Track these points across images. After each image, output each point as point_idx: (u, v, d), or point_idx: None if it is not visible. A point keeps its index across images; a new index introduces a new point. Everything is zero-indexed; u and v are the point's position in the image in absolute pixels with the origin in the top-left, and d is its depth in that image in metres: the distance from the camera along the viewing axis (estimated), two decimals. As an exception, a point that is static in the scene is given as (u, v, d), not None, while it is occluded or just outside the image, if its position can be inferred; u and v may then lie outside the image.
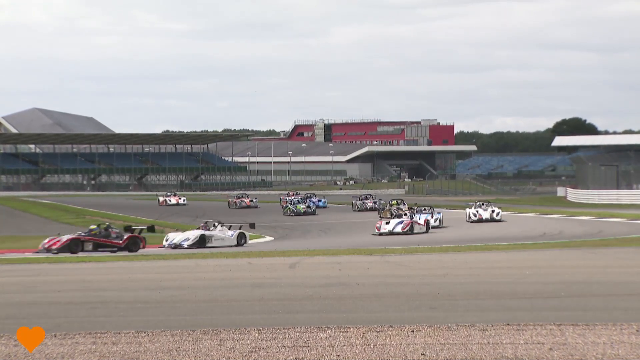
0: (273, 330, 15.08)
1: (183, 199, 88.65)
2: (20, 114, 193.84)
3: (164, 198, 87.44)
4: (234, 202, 79.52)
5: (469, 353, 13.34)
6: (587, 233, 43.81)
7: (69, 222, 59.31)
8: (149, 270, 28.19)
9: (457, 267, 26.87)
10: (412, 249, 34.60)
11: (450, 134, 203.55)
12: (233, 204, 79.18)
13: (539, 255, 30.91)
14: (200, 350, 13.76)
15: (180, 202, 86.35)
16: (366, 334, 14.64)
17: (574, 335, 14.47)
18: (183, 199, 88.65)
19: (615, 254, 31.25)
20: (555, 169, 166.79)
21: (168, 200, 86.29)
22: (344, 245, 38.04)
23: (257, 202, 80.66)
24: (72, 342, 14.43)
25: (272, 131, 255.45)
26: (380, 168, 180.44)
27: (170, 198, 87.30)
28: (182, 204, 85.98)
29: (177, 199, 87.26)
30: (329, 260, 29.58)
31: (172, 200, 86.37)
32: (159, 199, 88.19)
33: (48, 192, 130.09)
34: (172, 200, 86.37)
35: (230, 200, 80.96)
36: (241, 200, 79.48)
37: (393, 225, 45.41)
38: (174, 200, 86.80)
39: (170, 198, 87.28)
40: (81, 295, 21.27)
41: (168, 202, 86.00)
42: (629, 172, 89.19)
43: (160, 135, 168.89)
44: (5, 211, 75.89)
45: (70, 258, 33.55)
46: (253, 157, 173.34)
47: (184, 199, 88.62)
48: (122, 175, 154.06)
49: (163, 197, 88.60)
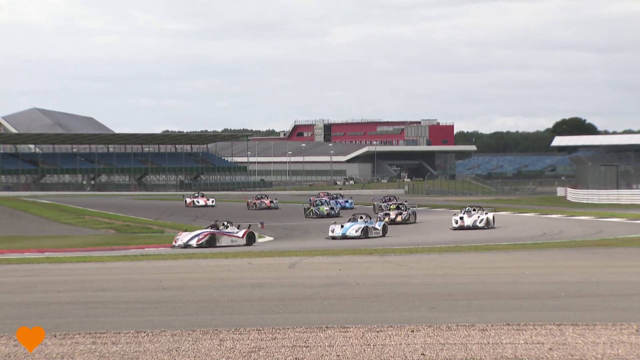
0: (273, 330, 15.08)
1: (211, 200, 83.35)
2: (20, 114, 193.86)
3: (192, 199, 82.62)
4: (254, 203, 76.25)
5: (469, 353, 13.34)
6: (587, 233, 43.80)
7: (69, 222, 59.31)
8: (148, 270, 28.18)
9: (457, 267, 26.87)
10: (412, 249, 34.59)
11: (450, 134, 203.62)
12: (252, 205, 75.95)
13: (539, 255, 30.90)
14: (200, 350, 13.76)
15: (208, 204, 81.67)
16: (366, 334, 14.64)
17: (573, 335, 14.47)
18: (211, 200, 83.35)
19: (615, 254, 31.24)
20: (555, 169, 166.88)
21: (196, 202, 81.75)
22: (344, 246, 38.04)
23: (277, 203, 77.26)
24: (72, 342, 14.43)
25: (272, 131, 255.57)
26: (380, 168, 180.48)
27: (198, 199, 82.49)
28: (211, 205, 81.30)
29: (205, 200, 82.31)
30: (328, 260, 29.59)
31: (200, 202, 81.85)
32: (185, 200, 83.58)
33: (48, 192, 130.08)
34: (200, 202, 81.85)
35: (249, 201, 77.64)
36: (261, 202, 76.19)
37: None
38: (202, 201, 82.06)
39: (199, 199, 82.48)
40: (81, 295, 21.27)
41: (196, 203, 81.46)
42: (629, 172, 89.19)
43: (159, 135, 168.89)
44: (5, 211, 75.87)
45: (70, 258, 33.55)
46: (253, 157, 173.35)
47: (213, 200, 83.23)
48: (121, 175, 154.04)
49: (190, 197, 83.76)
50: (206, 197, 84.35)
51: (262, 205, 75.20)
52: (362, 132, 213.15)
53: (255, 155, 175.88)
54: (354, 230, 43.64)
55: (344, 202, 72.72)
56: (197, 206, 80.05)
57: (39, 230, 52.27)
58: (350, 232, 43.56)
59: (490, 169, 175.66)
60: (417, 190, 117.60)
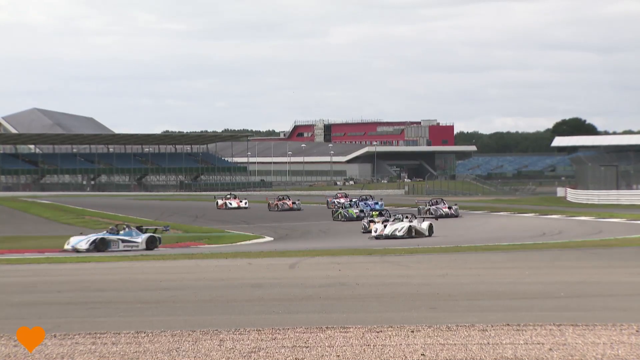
0: (273, 330, 15.08)
1: (245, 201, 78.55)
2: (20, 114, 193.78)
3: (224, 201, 78.15)
4: (275, 204, 73.11)
5: (469, 353, 13.33)
6: (587, 233, 43.80)
7: (69, 223, 59.31)
8: (148, 270, 28.20)
9: (456, 267, 26.88)
10: (412, 249, 34.60)
11: (450, 134, 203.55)
12: (274, 206, 72.92)
13: (539, 256, 30.91)
14: (200, 350, 13.76)
15: (241, 206, 77.10)
16: (366, 334, 14.64)
17: (573, 335, 14.47)
18: (245, 201, 78.55)
19: (615, 254, 31.25)
20: (555, 169, 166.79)
21: (228, 204, 77.24)
22: (344, 246, 38.04)
23: (300, 204, 74.16)
24: (72, 342, 14.43)
25: (272, 131, 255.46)
26: (380, 168, 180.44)
27: (230, 201, 77.99)
28: (244, 207, 76.84)
29: (238, 202, 77.73)
30: (328, 260, 29.59)
31: (232, 204, 77.26)
32: (217, 202, 79.05)
33: (48, 192, 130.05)
34: (232, 204, 77.26)
35: (270, 203, 74.34)
36: (283, 203, 73.10)
37: None
38: (235, 203, 77.46)
39: (231, 201, 77.98)
40: (81, 295, 21.28)
41: (228, 205, 76.98)
42: (629, 172, 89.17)
43: (159, 136, 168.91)
44: (5, 211, 75.89)
45: (71, 258, 33.56)
46: (253, 157, 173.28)
47: (246, 202, 78.58)
48: (121, 175, 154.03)
49: (222, 199, 79.03)
50: (239, 198, 80.00)
51: (284, 207, 72.44)
52: (362, 133, 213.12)
53: (255, 156, 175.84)
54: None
55: (374, 203, 69.28)
56: (229, 208, 76.25)
57: (39, 231, 52.27)
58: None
59: (490, 170, 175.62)
60: (417, 191, 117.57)
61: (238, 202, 77.60)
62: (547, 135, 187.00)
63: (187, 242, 42.96)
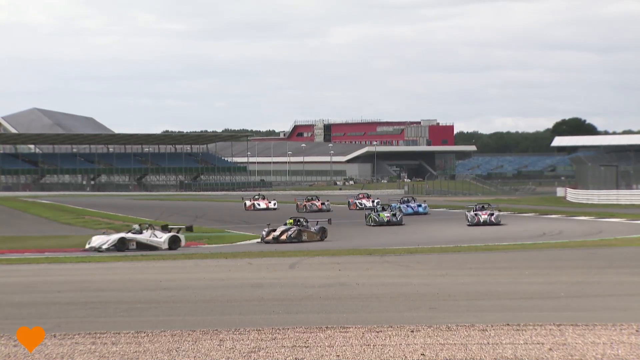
0: (273, 330, 15.08)
1: (273, 202, 75.44)
2: (20, 114, 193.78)
3: (252, 202, 74.81)
4: (304, 205, 70.15)
5: (469, 353, 13.34)
6: (587, 233, 43.78)
7: (69, 222, 59.30)
8: (148, 270, 28.20)
9: (456, 267, 26.88)
10: (412, 249, 34.59)
11: (449, 134, 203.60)
12: (302, 207, 69.80)
13: (539, 255, 30.91)
14: (200, 350, 13.76)
15: (270, 207, 73.75)
16: (366, 334, 14.64)
17: (573, 335, 14.47)
18: (273, 202, 75.44)
19: (615, 254, 31.25)
20: (555, 169, 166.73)
21: (256, 205, 74.05)
22: (344, 246, 38.02)
23: (329, 205, 70.86)
24: (72, 342, 14.43)
25: (272, 131, 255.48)
26: (379, 168, 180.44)
27: (259, 202, 74.86)
28: (273, 208, 73.49)
29: (266, 203, 74.41)
30: (328, 260, 29.60)
31: (261, 205, 74.09)
32: (245, 203, 75.17)
33: (48, 192, 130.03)
34: (261, 205, 74.09)
35: (298, 204, 71.45)
36: (312, 204, 70.07)
37: None
38: (263, 204, 74.27)
39: (259, 202, 74.84)
40: (81, 295, 21.28)
41: (256, 206, 73.87)
42: (629, 172, 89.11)
43: (159, 136, 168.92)
44: (5, 211, 75.88)
45: (70, 258, 33.56)
46: (252, 157, 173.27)
47: (275, 203, 75.31)
48: (121, 175, 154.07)
49: (250, 200, 75.51)
50: (268, 199, 76.70)
51: (313, 208, 69.34)
52: (362, 133, 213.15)
53: (255, 156, 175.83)
54: None
55: (416, 206, 62.93)
56: (257, 209, 73.13)
57: (39, 231, 52.25)
58: None
59: (490, 169, 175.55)
60: (417, 191, 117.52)
61: (266, 203, 74.66)
62: (547, 135, 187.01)
63: (187, 242, 42.92)
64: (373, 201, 70.88)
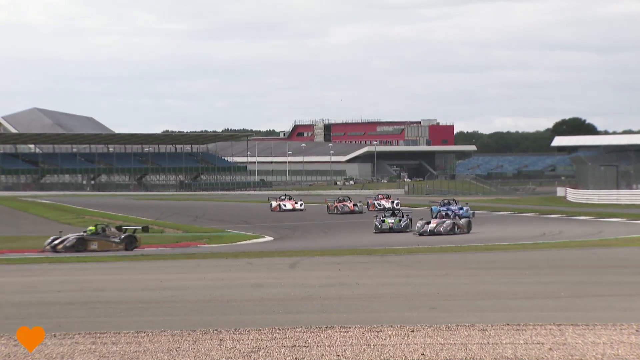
0: (273, 330, 15.08)
1: (300, 202, 72.53)
2: (20, 114, 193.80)
3: (277, 202, 72.17)
4: (335, 206, 67.01)
5: (469, 353, 13.33)
6: (587, 233, 43.77)
7: (69, 222, 59.30)
8: (148, 270, 28.20)
9: (457, 267, 26.88)
10: (412, 249, 34.59)
11: (450, 134, 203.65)
12: (333, 208, 66.88)
13: (539, 255, 30.90)
14: (200, 350, 13.76)
15: (297, 207, 71.18)
16: (366, 334, 14.64)
17: (573, 335, 14.47)
18: (300, 202, 72.53)
19: (615, 254, 31.25)
20: (555, 169, 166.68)
21: (282, 205, 71.46)
22: (344, 246, 38.03)
23: (362, 206, 67.60)
24: (72, 342, 14.43)
25: (272, 131, 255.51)
26: (380, 168, 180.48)
27: (285, 202, 72.19)
28: (299, 209, 70.93)
29: (293, 204, 71.79)
30: (328, 260, 29.60)
31: (287, 205, 71.45)
32: (271, 204, 72.67)
33: (48, 192, 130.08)
34: (287, 205, 71.45)
35: (329, 205, 68.41)
36: (343, 205, 66.77)
37: None
38: (290, 205, 71.56)
39: (285, 202, 72.15)
40: (81, 295, 21.28)
41: (282, 207, 71.24)
42: (629, 172, 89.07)
43: (159, 135, 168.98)
44: (5, 211, 75.88)
45: (70, 258, 33.56)
46: (253, 157, 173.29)
47: (301, 203, 72.47)
48: (121, 175, 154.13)
49: (276, 201, 72.96)
50: (294, 200, 73.96)
51: (345, 209, 65.90)
52: (362, 132, 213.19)
53: (255, 155, 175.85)
54: None
55: (457, 209, 56.93)
56: (283, 210, 70.68)
57: (39, 231, 52.22)
58: None
59: (490, 169, 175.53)
60: (417, 191, 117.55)
61: (293, 204, 71.95)
62: (547, 135, 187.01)
63: (188, 242, 42.96)
64: (392, 202, 68.68)
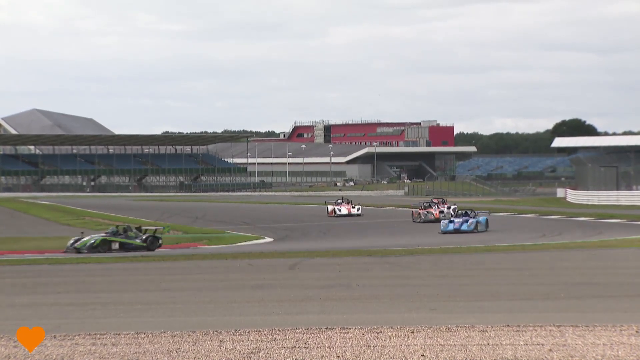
0: (273, 331, 15.08)
1: (357, 207, 67.50)
2: (20, 115, 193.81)
3: (333, 207, 67.69)
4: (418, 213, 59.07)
5: (469, 354, 13.33)
6: (586, 234, 43.78)
7: (69, 224, 59.29)
8: (148, 271, 28.19)
9: (456, 267, 26.88)
10: (412, 250, 34.59)
11: (449, 135, 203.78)
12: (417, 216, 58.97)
13: (539, 256, 30.90)
14: (200, 351, 13.75)
15: (353, 212, 66.40)
16: (366, 335, 14.63)
17: (573, 336, 14.46)
18: (357, 207, 67.50)
19: (615, 255, 31.25)
20: (555, 170, 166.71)
21: (337, 210, 66.89)
22: (344, 247, 38.02)
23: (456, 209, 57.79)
24: (72, 343, 14.42)
25: (272, 132, 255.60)
26: (379, 169, 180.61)
27: (340, 207, 67.57)
28: (356, 214, 66.27)
29: (349, 208, 66.92)
30: (328, 261, 29.59)
31: (342, 210, 66.84)
32: (327, 208, 68.25)
33: (48, 193, 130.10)
34: (342, 210, 66.84)
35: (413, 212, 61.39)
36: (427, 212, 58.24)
37: None
38: (346, 209, 66.88)
39: (341, 207, 67.49)
40: (81, 296, 21.28)
41: (337, 211, 66.64)
42: (629, 173, 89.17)
43: (159, 137, 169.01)
44: (5, 212, 75.88)
45: (70, 259, 33.55)
46: (253, 158, 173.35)
47: (359, 208, 67.52)
48: (121, 176, 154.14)
49: (332, 205, 68.42)
50: (351, 204, 68.42)
51: (429, 217, 57.15)
52: (362, 133, 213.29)
53: (255, 157, 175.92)
54: None
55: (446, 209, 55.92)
56: (338, 215, 66.14)
57: (39, 232, 52.24)
58: None
59: (490, 170, 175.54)
60: (417, 192, 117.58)
61: (349, 209, 67.14)
62: (547, 136, 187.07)
63: (188, 243, 42.94)
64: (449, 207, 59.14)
